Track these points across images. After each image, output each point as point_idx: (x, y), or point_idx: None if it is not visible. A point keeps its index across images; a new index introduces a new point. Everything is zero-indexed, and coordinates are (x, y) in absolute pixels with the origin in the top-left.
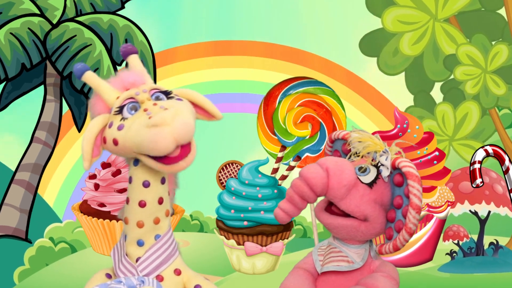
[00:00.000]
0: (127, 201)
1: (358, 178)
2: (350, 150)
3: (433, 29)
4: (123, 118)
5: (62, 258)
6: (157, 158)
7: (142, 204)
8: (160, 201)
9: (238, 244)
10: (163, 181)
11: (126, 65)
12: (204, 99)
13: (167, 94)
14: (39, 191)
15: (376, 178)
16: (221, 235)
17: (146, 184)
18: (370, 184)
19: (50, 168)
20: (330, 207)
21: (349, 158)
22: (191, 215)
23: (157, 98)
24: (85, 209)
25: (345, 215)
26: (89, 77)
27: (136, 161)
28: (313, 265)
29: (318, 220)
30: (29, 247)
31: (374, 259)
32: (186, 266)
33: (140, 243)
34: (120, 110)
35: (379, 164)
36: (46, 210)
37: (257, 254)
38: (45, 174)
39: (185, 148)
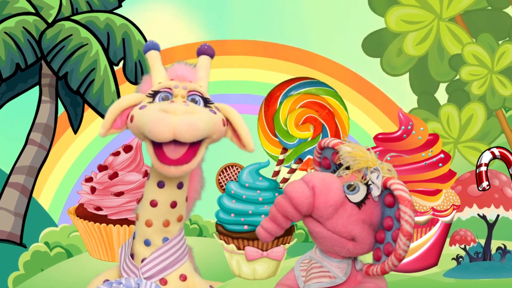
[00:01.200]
0: (141, 197)
1: (346, 196)
2: (339, 162)
3: (438, 29)
4: (151, 102)
5: (57, 263)
6: (156, 150)
7: (153, 204)
8: (173, 205)
9: (238, 248)
10: (180, 186)
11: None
12: (241, 124)
13: (206, 101)
14: (34, 195)
15: (366, 197)
16: (220, 239)
17: (160, 185)
18: (359, 204)
19: (46, 171)
20: None
21: (338, 173)
22: (190, 219)
23: (193, 101)
24: (81, 213)
25: None
26: (151, 56)
27: None
28: (295, 281)
29: (306, 227)
30: (23, 252)
31: (359, 271)
32: (194, 273)
33: (147, 243)
34: (154, 95)
35: (369, 182)
36: (41, 214)
37: (257, 259)
38: (40, 177)
39: (186, 156)
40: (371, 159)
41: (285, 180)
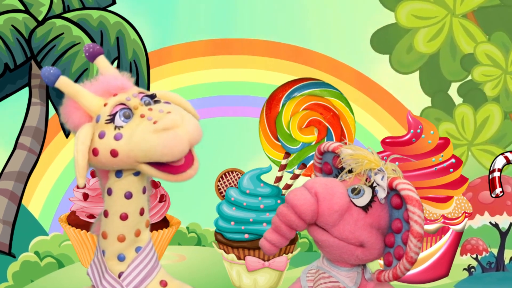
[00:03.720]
0: (106, 214)
1: (351, 201)
2: (341, 166)
3: (451, 25)
4: (116, 127)
5: (48, 274)
6: (161, 168)
7: (123, 217)
8: (141, 212)
9: (239, 258)
10: (144, 190)
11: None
12: (184, 101)
13: (153, 97)
14: (23, 202)
15: (372, 200)
16: (220, 248)
17: (128, 196)
18: (365, 208)
19: (36, 177)
20: None
21: (340, 177)
22: (187, 228)
23: (146, 103)
24: (73, 220)
25: None
26: (65, 83)
27: (119, 173)
28: None
29: (311, 236)
30: (12, 261)
31: (369, 281)
32: (170, 277)
33: (121, 258)
34: (112, 118)
35: (374, 185)
36: (31, 222)
37: (259, 269)
38: (29, 183)
39: (188, 156)
40: (374, 160)
41: (288, 186)
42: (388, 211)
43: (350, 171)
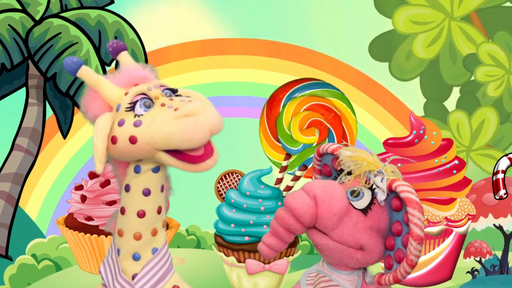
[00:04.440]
0: (122, 211)
1: (351, 203)
2: (340, 168)
3: (449, 29)
4: (136, 115)
5: (45, 277)
6: (179, 157)
7: (141, 214)
8: (159, 211)
9: (239, 261)
10: (162, 188)
11: (116, 63)
12: (207, 101)
13: (174, 91)
14: (20, 204)
15: (371, 202)
16: (220, 251)
17: (146, 193)
18: (365, 210)
19: (33, 178)
20: None
21: (339, 179)
22: (187, 230)
23: (167, 95)
24: (71, 223)
25: None
26: (87, 73)
27: (138, 168)
28: None
29: (310, 239)
30: (9, 264)
31: (369, 285)
32: (184, 282)
33: (136, 257)
34: (132, 106)
35: (373, 187)
36: (28, 224)
37: (259, 272)
38: (27, 185)
39: (208, 146)
40: (373, 161)
41: (288, 188)
42: (388, 214)
43: (349, 173)
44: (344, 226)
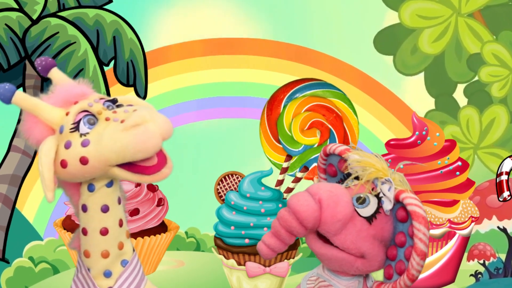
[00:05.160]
0: (84, 232)
1: (356, 210)
2: (347, 171)
3: (456, 25)
4: (82, 134)
5: (43, 280)
6: (133, 170)
7: (103, 232)
8: (121, 223)
9: (239, 264)
10: (119, 201)
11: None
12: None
13: (115, 102)
14: (17, 206)
15: (377, 211)
16: (219, 254)
17: (104, 209)
18: (370, 218)
19: (30, 180)
20: None
21: (346, 184)
22: (186, 232)
23: (110, 108)
24: (69, 225)
25: None
26: (22, 98)
27: (92, 186)
28: None
29: (309, 247)
30: (6, 267)
31: None
32: None
33: (107, 274)
34: (76, 126)
35: (380, 195)
36: (25, 227)
37: (259, 275)
38: (24, 187)
39: (160, 154)
40: (381, 168)
41: (289, 190)
42: (392, 223)
43: (356, 178)
44: (347, 232)
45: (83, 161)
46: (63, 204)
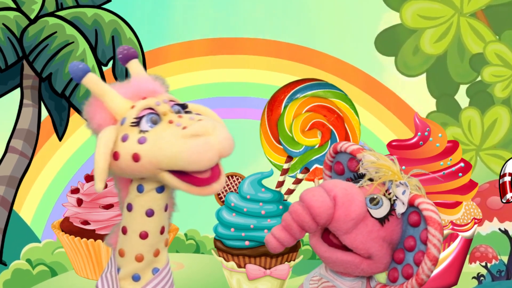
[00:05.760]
0: (124, 231)
1: (368, 210)
2: (358, 169)
3: (458, 25)
4: (142, 131)
5: (40, 283)
6: (184, 178)
7: (143, 236)
8: (162, 231)
9: (239, 266)
10: (166, 208)
11: (126, 72)
12: (219, 119)
13: (184, 107)
14: (15, 207)
15: (389, 213)
16: (219, 256)
17: (149, 213)
18: (382, 220)
19: (28, 181)
20: (328, 235)
21: (360, 183)
22: (185, 234)
23: (176, 111)
24: (67, 227)
25: (346, 248)
26: (93, 81)
27: (141, 187)
28: None
29: (313, 249)
30: (3, 270)
31: None
32: None
33: (136, 278)
34: (138, 121)
35: (394, 198)
36: (22, 229)
37: (260, 277)
38: (21, 188)
39: (216, 169)
40: (396, 172)
41: (290, 191)
42: (402, 227)
43: (370, 179)
44: (358, 232)
45: (135, 158)
46: (61, 205)
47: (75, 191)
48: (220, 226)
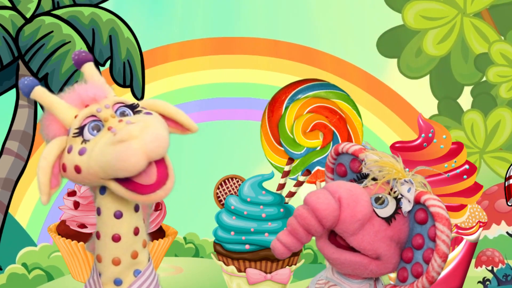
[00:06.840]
0: (98, 236)
1: (374, 210)
2: (361, 170)
3: (461, 25)
4: (84, 141)
5: (36, 287)
6: (128, 186)
7: (116, 238)
8: (136, 232)
9: (239, 270)
10: (137, 208)
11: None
12: (176, 110)
13: (133, 108)
14: (10, 210)
15: (395, 212)
16: (219, 260)
17: (118, 215)
18: (388, 219)
19: (23, 184)
20: (335, 237)
21: (364, 183)
22: (185, 238)
23: (123, 114)
24: (63, 230)
25: (353, 249)
26: (40, 94)
27: (103, 189)
28: None
29: (320, 251)
30: None
31: None
32: None
33: (117, 282)
34: (80, 131)
35: (399, 196)
36: (18, 232)
37: (260, 282)
38: (17, 191)
39: (162, 174)
40: (400, 169)
41: (291, 194)
42: (409, 225)
43: (373, 179)
44: (365, 233)
45: (77, 169)
46: (57, 209)
47: (72, 193)
48: (219, 230)
